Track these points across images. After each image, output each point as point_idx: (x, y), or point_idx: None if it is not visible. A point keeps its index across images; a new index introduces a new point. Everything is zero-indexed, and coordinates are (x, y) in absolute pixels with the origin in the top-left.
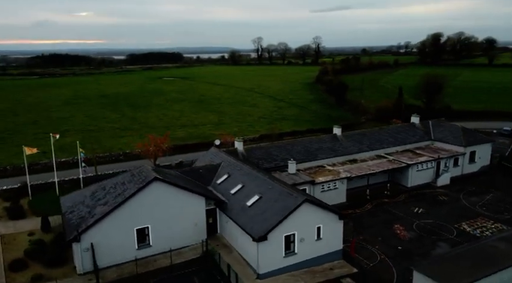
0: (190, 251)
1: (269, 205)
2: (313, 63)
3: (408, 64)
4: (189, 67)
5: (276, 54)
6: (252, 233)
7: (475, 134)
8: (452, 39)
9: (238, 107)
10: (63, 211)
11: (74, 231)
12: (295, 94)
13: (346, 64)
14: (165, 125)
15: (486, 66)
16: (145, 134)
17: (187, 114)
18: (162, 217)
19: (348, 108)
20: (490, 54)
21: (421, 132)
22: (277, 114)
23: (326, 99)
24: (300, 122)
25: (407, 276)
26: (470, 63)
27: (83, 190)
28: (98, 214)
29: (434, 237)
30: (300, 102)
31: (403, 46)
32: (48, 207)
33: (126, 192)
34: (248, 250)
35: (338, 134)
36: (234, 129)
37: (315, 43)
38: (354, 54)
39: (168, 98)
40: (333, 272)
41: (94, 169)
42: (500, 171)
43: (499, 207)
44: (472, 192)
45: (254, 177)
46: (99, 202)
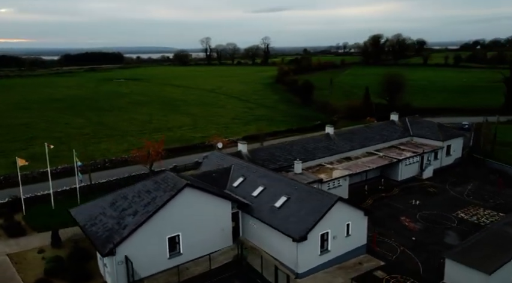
0: (219, 256)
1: (300, 205)
2: (263, 64)
3: (352, 64)
4: (135, 68)
5: (225, 55)
6: (290, 234)
7: (448, 129)
8: (391, 40)
9: (207, 108)
10: (82, 224)
11: (108, 244)
12: (259, 95)
13: (299, 64)
14: (138, 129)
15: (421, 65)
16: (143, 139)
17: (158, 117)
18: (192, 224)
19: (316, 107)
20: (424, 55)
21: (401, 129)
22: (249, 114)
23: (291, 99)
24: (275, 122)
25: (431, 265)
26: (407, 63)
27: (97, 201)
28: (131, 225)
29: (440, 226)
30: (267, 103)
31: (341, 46)
32: (46, 221)
33: (157, 200)
34: (284, 251)
35: (331, 133)
36: (212, 131)
37: (264, 44)
38: (296, 55)
39: (130, 101)
40: (363, 266)
41: (89, 178)
42: (470, 162)
43: (482, 195)
44: (454, 182)
45: (274, 178)
46: (124, 212)
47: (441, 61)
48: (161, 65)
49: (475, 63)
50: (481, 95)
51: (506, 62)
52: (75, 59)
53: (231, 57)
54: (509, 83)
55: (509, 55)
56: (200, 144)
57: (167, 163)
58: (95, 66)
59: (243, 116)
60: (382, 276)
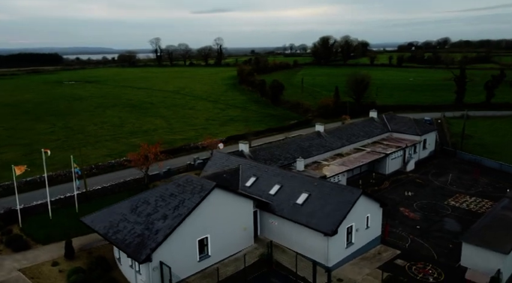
0: (250, 255)
1: (324, 201)
2: (217, 65)
3: (304, 65)
4: (79, 70)
5: (177, 56)
6: (321, 229)
7: (423, 124)
8: (340, 42)
9: (177, 110)
10: (103, 233)
11: (143, 250)
12: (227, 95)
13: (257, 65)
14: (111, 133)
15: (368, 66)
16: (142, 143)
17: (130, 121)
18: (219, 225)
19: (287, 107)
20: (371, 56)
21: (380, 125)
22: (223, 115)
23: (258, 99)
24: (252, 123)
25: (442, 250)
26: (356, 63)
27: (113, 208)
28: (164, 229)
29: (437, 214)
30: (236, 103)
31: (288, 47)
32: (47, 233)
33: (186, 203)
34: (312, 247)
35: (321, 131)
36: (191, 133)
37: (217, 44)
38: (244, 55)
39: (94, 104)
40: (382, 256)
41: (84, 185)
42: (442, 155)
43: (463, 184)
44: (435, 173)
45: (289, 176)
46: (151, 217)
47: (386, 61)
48: (109, 66)
49: (415, 63)
50: (433, 92)
51: (442, 62)
52: (8, 61)
53: (183, 58)
54: (459, 81)
55: (444, 56)
56: (185, 146)
57: (160, 166)
58: (37, 68)
59: (217, 117)
60: (403, 263)
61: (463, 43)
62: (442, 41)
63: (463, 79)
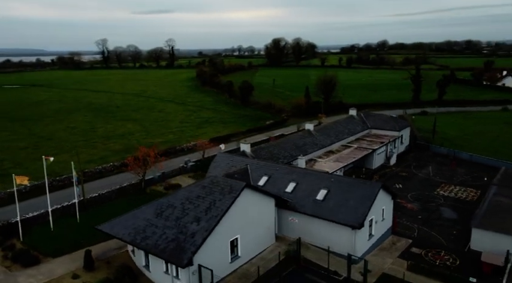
0: (269, 254)
1: (345, 195)
2: (169, 66)
3: (259, 66)
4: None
5: (126, 57)
6: (348, 223)
7: (399, 120)
8: (292, 44)
9: (146, 113)
10: (129, 240)
11: (182, 255)
12: (192, 97)
13: (214, 66)
14: (84, 138)
15: (320, 67)
16: (140, 146)
17: (100, 125)
18: (247, 225)
19: (258, 107)
20: (322, 57)
21: (360, 123)
22: (196, 117)
23: (227, 100)
24: (229, 124)
25: (448, 237)
26: (307, 64)
27: (132, 214)
28: (201, 232)
29: (432, 204)
30: (205, 105)
31: (236, 49)
32: (53, 244)
33: (217, 204)
34: (338, 241)
35: (311, 129)
36: (170, 136)
37: (169, 46)
38: (192, 57)
39: (54, 109)
40: (397, 246)
41: (82, 193)
42: (416, 148)
43: (444, 175)
44: (417, 166)
45: (302, 173)
46: (182, 220)
47: (336, 63)
48: (50, 69)
49: (361, 64)
50: (390, 91)
51: (386, 63)
52: None
53: (132, 60)
54: (416, 80)
55: (386, 58)
56: (169, 149)
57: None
58: None
59: (190, 119)
60: (419, 251)
61: (399, 45)
62: (381, 44)
63: (419, 78)
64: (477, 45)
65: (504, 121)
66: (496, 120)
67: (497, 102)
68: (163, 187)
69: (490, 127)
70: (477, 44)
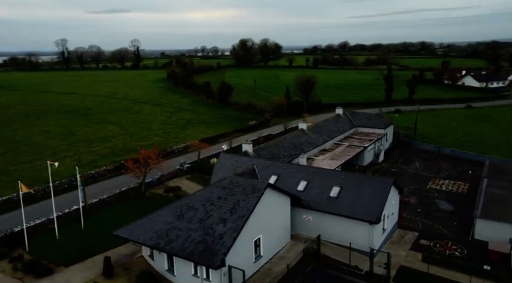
0: (288, 253)
1: (358, 192)
2: (134, 67)
3: (227, 66)
4: None
5: (87, 58)
6: (365, 218)
7: (383, 118)
8: (259, 44)
9: (123, 115)
10: (152, 244)
11: (213, 257)
12: (167, 98)
13: (184, 67)
14: (65, 142)
15: (288, 67)
16: (141, 150)
17: (77, 128)
18: (268, 225)
19: (238, 108)
20: (290, 58)
21: (347, 121)
22: (177, 119)
23: (204, 101)
24: (212, 125)
25: (451, 228)
26: (275, 65)
27: (151, 218)
28: (230, 232)
29: (428, 198)
30: (183, 106)
31: (200, 50)
32: (64, 253)
33: (242, 204)
34: (354, 236)
35: (304, 128)
36: (155, 138)
37: (134, 46)
38: (155, 58)
39: (21, 112)
40: (406, 239)
41: (84, 198)
42: (399, 145)
43: (431, 169)
44: (404, 162)
45: (313, 172)
46: (206, 222)
47: (303, 63)
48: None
49: (326, 64)
50: (361, 90)
51: (349, 63)
52: None
53: (95, 61)
54: (388, 80)
55: (350, 58)
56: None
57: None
58: None
59: (172, 121)
60: (428, 243)
61: (359, 47)
62: (342, 45)
63: (391, 78)
64: (431, 47)
65: (471, 118)
66: (463, 117)
67: (461, 100)
68: (163, 190)
69: (459, 123)
70: (431, 45)
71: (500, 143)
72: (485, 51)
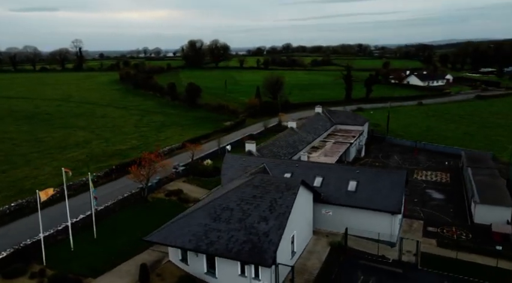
0: (314, 247)
1: (376, 185)
2: (77, 69)
3: (177, 68)
4: None
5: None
6: (388, 209)
7: (358, 116)
8: (209, 45)
9: (90, 119)
10: (192, 247)
11: (263, 255)
12: (129, 101)
13: (137, 68)
14: (35, 149)
15: (239, 68)
16: (144, 153)
17: (43, 134)
18: (299, 221)
19: (208, 109)
20: (241, 59)
21: (327, 119)
22: (149, 121)
23: (169, 102)
24: (187, 126)
25: (450, 215)
26: (226, 66)
27: (184, 221)
28: (274, 231)
29: (418, 188)
30: (149, 108)
31: (142, 51)
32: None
33: (279, 202)
34: (375, 227)
35: (294, 127)
36: (133, 142)
37: (75, 47)
38: (93, 59)
39: None
40: (414, 227)
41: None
42: (374, 141)
43: (411, 162)
44: (384, 156)
45: (326, 168)
46: (246, 221)
47: (254, 64)
48: None
49: (275, 65)
50: (319, 90)
51: (298, 64)
52: None
53: (31, 63)
54: (347, 80)
55: (298, 59)
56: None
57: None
58: None
59: (143, 124)
60: (435, 229)
61: (301, 48)
62: (285, 46)
63: (350, 78)
64: (367, 49)
65: (424, 113)
66: (417, 113)
67: (412, 98)
68: (164, 194)
69: (417, 119)
70: (367, 48)
71: (460, 136)
72: (416, 53)
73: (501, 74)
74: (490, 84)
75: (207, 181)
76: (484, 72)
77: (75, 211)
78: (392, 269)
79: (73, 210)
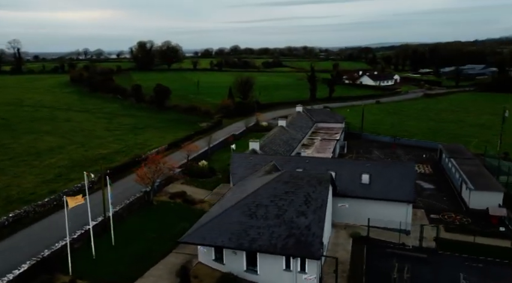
0: (337, 239)
1: (387, 177)
2: (16, 71)
3: (129, 70)
4: None
5: None
6: (403, 199)
7: (336, 114)
8: (161, 47)
9: (54, 124)
10: (234, 246)
11: (310, 248)
12: (91, 104)
13: (87, 70)
14: (3, 157)
15: (193, 70)
16: (150, 156)
17: (7, 141)
18: (327, 214)
19: (179, 110)
20: (194, 61)
21: (307, 118)
22: (119, 124)
23: (133, 104)
24: (164, 129)
25: (445, 202)
26: (180, 68)
27: (218, 221)
28: (315, 224)
29: None
30: (116, 111)
31: (82, 53)
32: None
33: (314, 196)
34: (391, 217)
35: (284, 125)
36: (114, 146)
37: (13, 48)
38: (27, 62)
39: None
40: (418, 215)
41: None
42: (350, 137)
43: (391, 156)
44: (365, 151)
45: (336, 163)
46: (284, 216)
47: (207, 66)
48: None
49: (228, 67)
50: (283, 91)
51: (250, 66)
52: None
53: None
54: (312, 81)
55: (251, 61)
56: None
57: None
58: None
59: (114, 127)
60: (437, 216)
61: (248, 50)
62: (233, 48)
63: (314, 78)
64: (312, 51)
65: (385, 111)
66: (378, 111)
67: (369, 97)
68: (168, 197)
69: (380, 116)
70: (312, 50)
71: (424, 131)
72: (359, 55)
73: (438, 74)
74: (433, 84)
75: (205, 182)
76: (422, 72)
77: (76, 219)
78: (418, 255)
79: (72, 219)
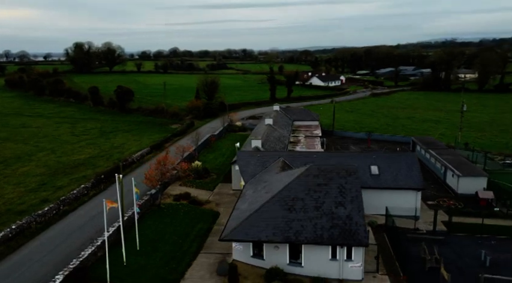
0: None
1: (395, 167)
2: None
3: (66, 72)
4: None
5: None
6: (413, 186)
7: (310, 112)
8: (101, 48)
9: (10, 130)
10: (281, 239)
11: (357, 237)
12: (45, 109)
13: (23, 72)
14: None
15: (136, 72)
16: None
17: None
18: None
19: (146, 113)
20: (137, 63)
21: (286, 116)
22: (84, 129)
23: (91, 108)
24: (134, 132)
25: (435, 189)
26: (123, 70)
27: (257, 216)
28: (355, 214)
29: None
30: (75, 115)
31: (3, 55)
32: (148, 278)
33: (347, 186)
34: (401, 204)
35: (271, 123)
36: (88, 151)
37: None
38: None
39: None
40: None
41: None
42: (324, 134)
43: (370, 151)
44: (342, 147)
45: (345, 156)
46: (323, 208)
47: (151, 68)
48: None
49: (173, 69)
50: (240, 92)
51: (195, 68)
52: None
53: None
54: (271, 82)
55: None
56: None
57: None
58: None
59: (80, 132)
60: (433, 202)
61: (187, 53)
62: (173, 51)
63: (273, 80)
64: (252, 54)
65: (343, 110)
66: (337, 109)
67: (323, 97)
68: (172, 199)
69: (340, 115)
70: (252, 53)
71: (384, 127)
72: (300, 57)
73: (376, 76)
74: (376, 84)
75: (202, 182)
76: (361, 74)
77: (83, 226)
78: (436, 237)
79: (79, 226)
